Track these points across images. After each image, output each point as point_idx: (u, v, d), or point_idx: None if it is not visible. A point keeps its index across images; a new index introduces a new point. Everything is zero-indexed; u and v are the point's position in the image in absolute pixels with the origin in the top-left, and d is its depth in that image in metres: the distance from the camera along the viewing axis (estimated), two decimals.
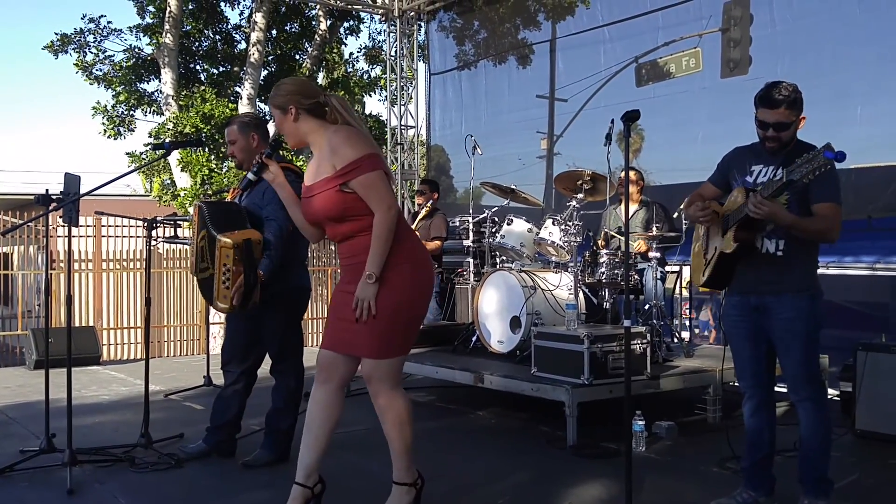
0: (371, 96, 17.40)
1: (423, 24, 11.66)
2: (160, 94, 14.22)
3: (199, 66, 15.49)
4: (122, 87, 14.49)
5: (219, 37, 15.50)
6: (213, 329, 9.76)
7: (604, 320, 5.83)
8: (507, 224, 6.39)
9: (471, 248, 7.19)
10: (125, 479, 4.08)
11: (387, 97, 12.21)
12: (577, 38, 9.42)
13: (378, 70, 16.99)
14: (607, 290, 5.87)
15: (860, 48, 6.75)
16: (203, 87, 13.81)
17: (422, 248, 3.37)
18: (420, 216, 7.70)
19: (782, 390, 3.54)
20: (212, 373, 6.88)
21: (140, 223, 5.28)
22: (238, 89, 14.63)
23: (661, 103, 8.23)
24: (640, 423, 4.60)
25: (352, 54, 35.05)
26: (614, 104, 8.17)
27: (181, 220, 7.11)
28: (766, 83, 3.35)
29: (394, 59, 11.28)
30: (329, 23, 15.62)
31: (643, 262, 6.25)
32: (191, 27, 14.96)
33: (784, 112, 3.25)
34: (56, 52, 14.18)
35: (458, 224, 7.61)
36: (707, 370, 5.40)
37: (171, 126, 12.81)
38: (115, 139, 14.51)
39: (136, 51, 14.61)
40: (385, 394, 3.23)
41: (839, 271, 6.46)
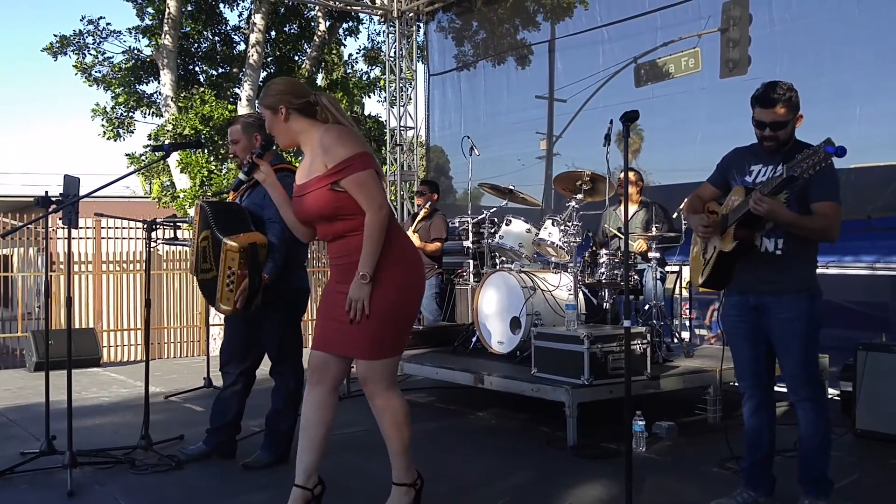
0: (370, 97, 17.43)
1: (422, 25, 11.66)
2: (159, 96, 14.23)
3: (198, 68, 15.50)
4: (122, 88, 14.50)
5: (218, 38, 15.51)
6: (212, 331, 9.76)
7: (603, 321, 5.83)
8: (506, 225, 6.40)
9: (470, 249, 7.19)
10: (125, 481, 4.09)
11: (386, 98, 12.25)
12: (575, 38, 9.41)
13: (377, 71, 17.00)
14: (607, 290, 5.87)
15: (859, 48, 6.74)
16: (202, 89, 13.82)
17: (413, 247, 3.36)
18: (420, 217, 7.70)
19: (782, 390, 3.54)
20: (212, 374, 6.88)
21: (140, 225, 5.29)
22: (237, 90, 14.64)
23: (660, 104, 8.22)
24: (641, 423, 4.60)
25: (351, 55, 35.14)
26: (613, 104, 8.16)
27: (181, 221, 7.12)
28: (762, 83, 3.36)
29: (393, 59, 11.28)
30: (328, 24, 15.62)
31: (643, 262, 6.25)
32: (190, 29, 14.97)
33: (780, 111, 3.26)
34: (55, 53, 14.20)
35: (457, 225, 7.61)
36: (707, 370, 5.39)
37: (170, 127, 12.82)
38: (115, 141, 14.54)
39: (136, 52, 14.63)
40: (381, 395, 3.23)
41: (839, 271, 6.47)
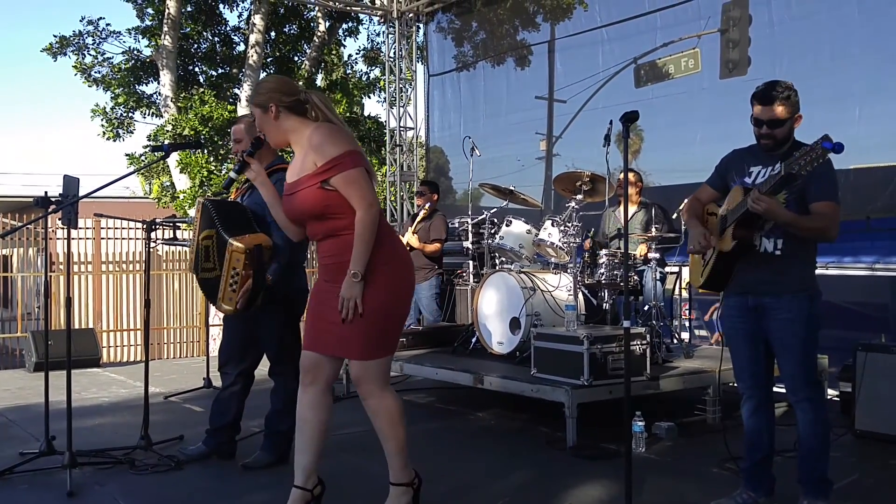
0: (370, 98, 17.46)
1: (421, 26, 11.66)
2: (159, 96, 14.23)
3: (197, 68, 15.50)
4: (121, 89, 14.50)
5: (217, 39, 15.51)
6: (212, 331, 9.75)
7: (603, 321, 5.83)
8: (506, 225, 6.39)
9: (470, 250, 7.19)
10: (125, 481, 4.08)
11: (385, 99, 12.25)
12: (575, 39, 9.42)
13: (377, 72, 17.01)
14: (606, 290, 5.87)
15: (859, 49, 6.75)
16: (202, 89, 13.82)
17: (402, 246, 3.36)
18: (419, 217, 7.69)
19: (781, 391, 3.54)
20: (211, 375, 6.87)
21: (139, 225, 5.28)
22: (237, 91, 14.65)
23: (660, 104, 8.23)
24: (640, 423, 4.60)
25: (350, 56, 35.15)
26: (613, 105, 8.16)
27: (180, 221, 7.11)
28: (764, 81, 3.36)
29: (392, 60, 11.28)
30: (328, 24, 15.63)
31: (643, 263, 6.25)
32: (189, 29, 14.98)
33: (778, 109, 3.26)
34: (55, 54, 14.21)
35: (457, 225, 7.61)
36: (707, 371, 5.39)
37: (169, 128, 12.82)
38: (114, 141, 14.56)
39: (135, 53, 14.63)
40: (375, 395, 3.22)
41: (838, 272, 6.47)
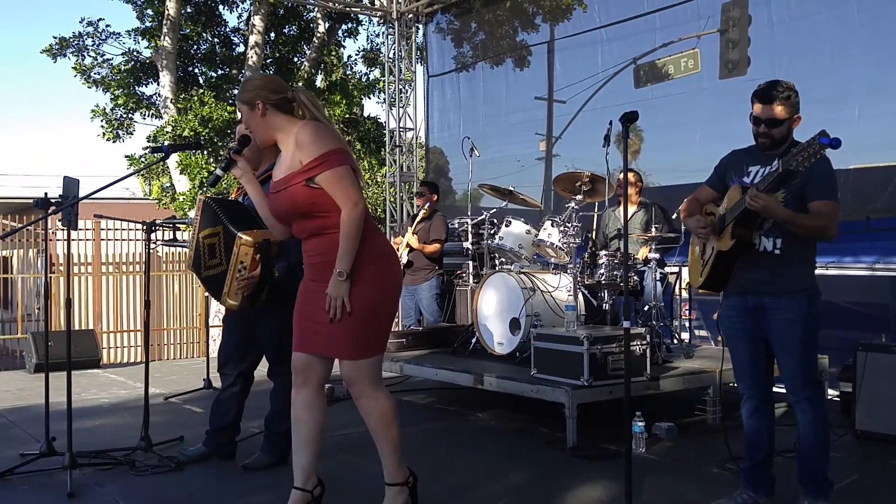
0: (370, 98, 17.46)
1: (421, 27, 11.66)
2: (159, 98, 14.24)
3: (197, 69, 15.51)
4: (121, 90, 14.50)
5: (217, 40, 15.52)
6: (212, 332, 9.75)
7: (603, 321, 5.83)
8: (506, 226, 6.39)
9: (470, 250, 7.19)
10: (125, 482, 4.08)
11: (385, 99, 12.23)
12: (574, 39, 9.41)
13: (376, 72, 17.02)
14: (606, 291, 5.87)
15: (859, 49, 6.74)
16: (201, 90, 13.82)
17: (389, 245, 3.35)
18: (419, 218, 7.69)
19: (781, 391, 3.53)
20: (211, 375, 6.87)
21: (139, 226, 5.28)
22: (237, 92, 14.63)
23: (659, 104, 8.22)
24: (640, 424, 4.59)
25: (350, 57, 35.08)
26: (613, 105, 8.15)
27: (180, 222, 7.12)
28: (765, 81, 3.36)
29: (392, 61, 11.28)
30: (327, 25, 15.63)
31: (643, 264, 6.25)
32: (189, 30, 14.98)
33: (777, 109, 3.26)
34: (55, 55, 14.21)
35: (457, 226, 7.61)
36: (707, 371, 5.39)
37: (169, 129, 12.82)
38: (114, 142, 14.56)
39: (135, 54, 14.63)
40: (368, 394, 3.22)
41: (839, 272, 6.47)
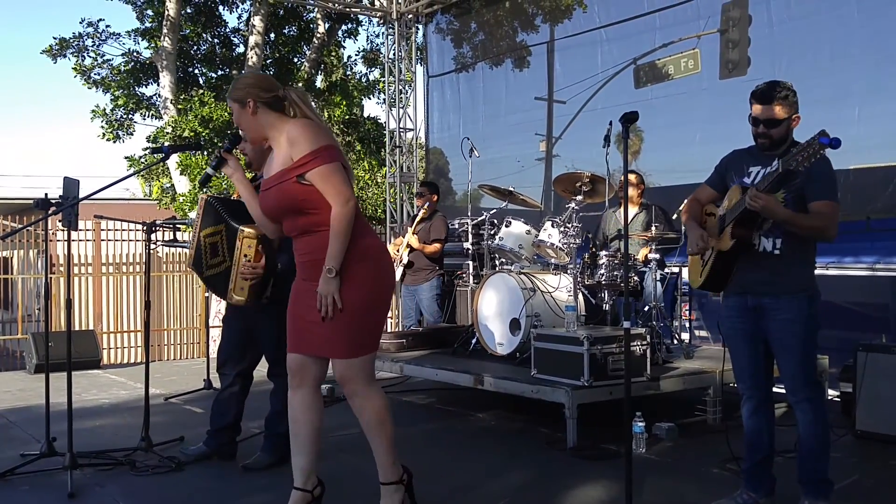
0: (369, 99, 17.43)
1: (420, 27, 11.66)
2: (159, 98, 14.24)
3: (197, 70, 15.50)
4: (121, 90, 14.50)
5: (217, 40, 15.51)
6: (212, 332, 9.74)
7: (603, 322, 5.83)
8: (506, 226, 6.39)
9: (470, 251, 7.19)
10: (126, 483, 4.08)
11: (385, 100, 12.22)
12: (574, 39, 9.40)
13: (376, 73, 17.02)
14: (606, 291, 5.87)
15: (859, 49, 6.74)
16: (201, 91, 13.82)
17: (381, 243, 3.34)
18: (419, 218, 7.69)
19: (781, 391, 3.53)
20: (212, 376, 6.87)
21: (139, 227, 5.28)
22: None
23: (659, 105, 8.22)
24: (641, 424, 4.59)
25: (350, 57, 35.09)
26: (613, 106, 8.15)
27: (180, 223, 7.12)
28: (764, 81, 3.36)
29: (392, 61, 11.28)
30: (327, 26, 15.64)
31: (643, 264, 6.25)
32: (189, 31, 14.98)
33: (776, 109, 3.26)
34: (55, 56, 14.21)
35: (457, 227, 7.61)
36: (707, 371, 5.39)
37: (169, 130, 12.82)
38: (114, 143, 14.56)
39: (135, 55, 14.63)
40: (361, 393, 3.21)
41: (839, 272, 6.46)
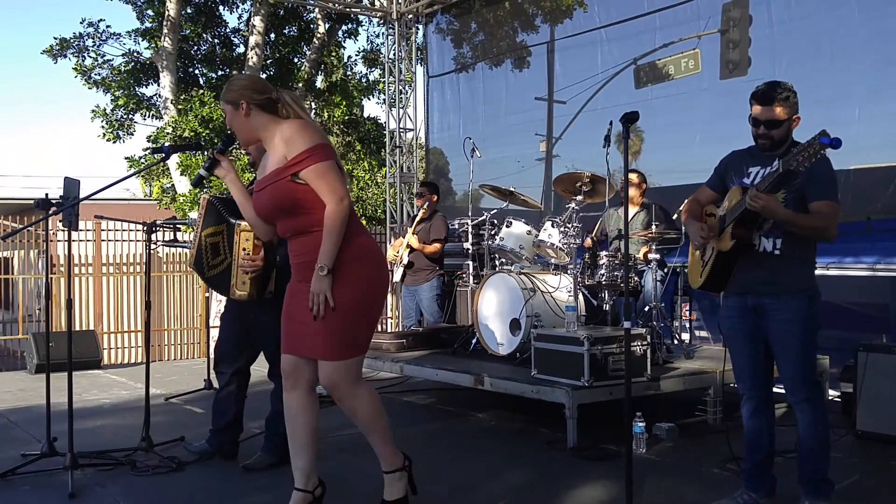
0: (369, 99, 17.41)
1: (421, 27, 11.66)
2: (159, 98, 14.23)
3: (197, 70, 15.49)
4: (121, 91, 14.49)
5: (217, 40, 15.50)
6: (213, 332, 9.73)
7: (603, 322, 5.83)
8: (506, 226, 6.39)
9: (470, 251, 7.18)
10: (126, 483, 4.09)
11: (385, 100, 12.22)
12: (574, 39, 9.39)
13: (376, 73, 17.00)
14: (607, 291, 5.87)
15: (859, 49, 6.74)
16: (202, 91, 13.81)
17: (374, 243, 3.34)
18: (419, 218, 7.69)
19: (781, 391, 3.53)
20: (212, 376, 6.86)
21: (140, 227, 5.29)
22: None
23: (659, 105, 8.21)
24: (641, 424, 4.60)
25: (350, 57, 35.10)
26: (613, 106, 8.14)
27: (181, 223, 7.11)
28: (764, 82, 3.36)
29: (392, 61, 11.28)
30: (327, 26, 15.63)
31: (643, 264, 6.25)
32: (189, 31, 14.97)
33: (777, 110, 3.26)
34: (55, 56, 14.19)
35: (457, 227, 7.60)
36: (707, 372, 5.39)
37: (170, 130, 12.82)
38: (115, 143, 14.54)
39: (135, 55, 14.62)
40: (349, 395, 3.20)
41: (839, 272, 6.46)
